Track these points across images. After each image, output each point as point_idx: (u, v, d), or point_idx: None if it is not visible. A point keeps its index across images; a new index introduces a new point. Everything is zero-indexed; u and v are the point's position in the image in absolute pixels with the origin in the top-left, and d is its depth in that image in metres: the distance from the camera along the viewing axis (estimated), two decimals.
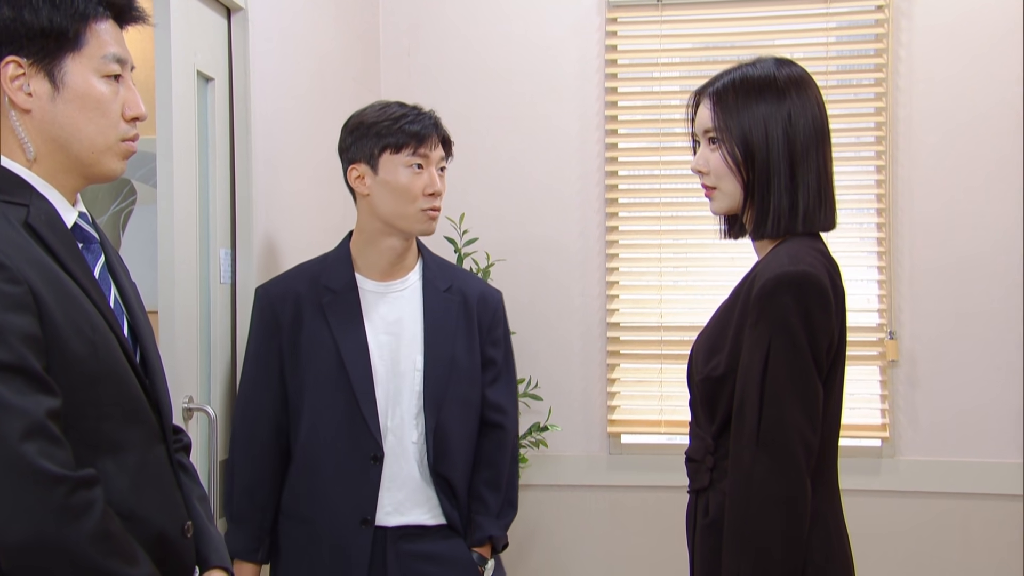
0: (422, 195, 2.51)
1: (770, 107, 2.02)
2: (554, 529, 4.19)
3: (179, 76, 2.57)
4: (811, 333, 1.90)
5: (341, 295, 2.56)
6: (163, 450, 1.73)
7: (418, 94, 4.20)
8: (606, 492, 4.17)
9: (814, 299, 1.91)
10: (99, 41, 1.62)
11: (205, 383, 2.77)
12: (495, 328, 2.70)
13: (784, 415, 1.89)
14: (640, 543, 4.13)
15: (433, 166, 2.54)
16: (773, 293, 1.91)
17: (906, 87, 4.00)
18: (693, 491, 2.16)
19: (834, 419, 2.03)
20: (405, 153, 2.50)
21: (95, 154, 1.64)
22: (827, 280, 1.94)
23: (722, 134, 2.05)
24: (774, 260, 1.97)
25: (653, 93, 4.18)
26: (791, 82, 2.04)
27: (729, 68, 2.12)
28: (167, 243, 2.56)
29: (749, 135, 2.02)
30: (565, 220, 4.19)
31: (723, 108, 2.06)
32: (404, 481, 2.56)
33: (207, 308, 2.78)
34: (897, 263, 4.01)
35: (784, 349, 1.90)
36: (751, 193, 2.04)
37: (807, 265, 1.92)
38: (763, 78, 2.05)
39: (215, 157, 2.78)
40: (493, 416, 2.68)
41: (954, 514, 3.94)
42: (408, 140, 2.50)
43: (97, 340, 1.58)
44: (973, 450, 3.94)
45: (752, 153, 2.02)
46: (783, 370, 1.90)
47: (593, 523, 4.18)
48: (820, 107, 2.05)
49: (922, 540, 3.96)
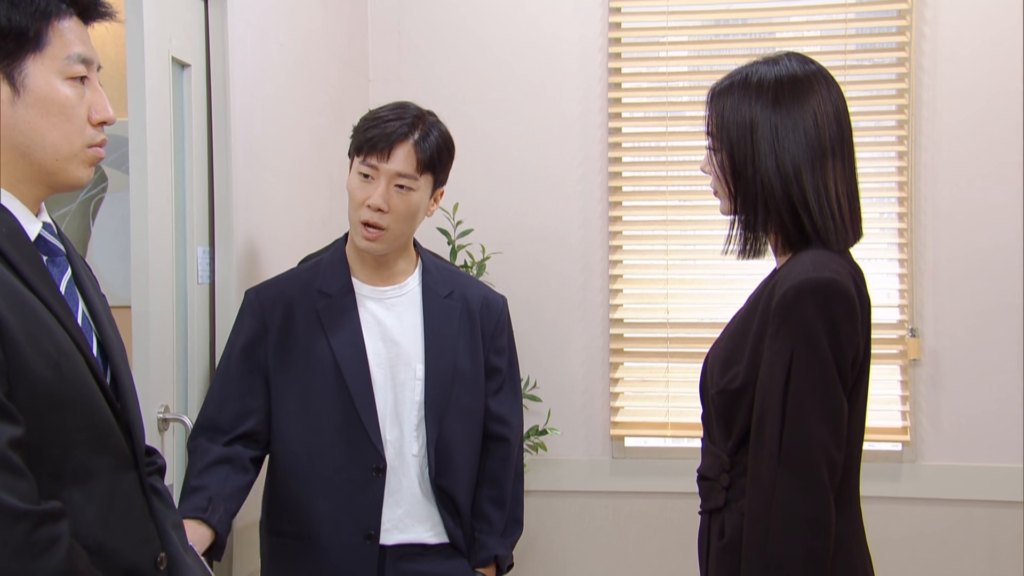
0: (363, 206, 2.48)
1: (765, 115, 2.00)
2: (554, 538, 4.17)
3: (153, 63, 2.54)
4: (836, 344, 1.89)
5: (336, 299, 2.54)
6: (135, 477, 1.70)
7: (408, 73, 4.19)
8: (609, 499, 4.16)
9: (839, 308, 1.89)
10: (62, 41, 1.59)
11: (181, 391, 2.75)
12: (499, 335, 2.69)
13: (808, 431, 1.88)
14: (646, 553, 4.12)
15: (383, 179, 2.48)
16: (796, 301, 1.90)
17: (930, 66, 3.97)
18: (706, 511, 2.14)
19: (857, 436, 2.02)
20: (358, 159, 2.49)
21: (59, 162, 1.61)
22: (853, 288, 1.93)
23: (714, 141, 2.07)
24: (796, 266, 1.95)
25: (659, 74, 4.14)
26: (794, 87, 2.02)
27: (743, 66, 2.10)
28: (140, 241, 2.54)
29: (737, 145, 2.02)
30: (565, 209, 4.17)
31: (717, 112, 2.07)
32: (404, 496, 2.54)
33: (184, 310, 2.76)
34: (920, 255, 3.98)
35: (807, 361, 1.88)
36: (736, 205, 2.05)
37: (832, 272, 1.91)
38: (763, 82, 2.03)
39: (192, 149, 2.76)
40: (497, 428, 2.67)
41: (979, 523, 3.93)
42: (360, 145, 2.48)
43: (63, 362, 1.56)
44: (1000, 455, 3.91)
45: (736, 166, 2.03)
46: (806, 383, 1.88)
47: (595, 532, 4.16)
48: (830, 116, 2.02)
49: (945, 551, 3.95)
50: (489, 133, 4.17)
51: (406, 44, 4.23)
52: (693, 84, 4.19)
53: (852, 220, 2.04)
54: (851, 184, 2.05)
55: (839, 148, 2.03)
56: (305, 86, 3.46)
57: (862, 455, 2.06)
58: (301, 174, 3.38)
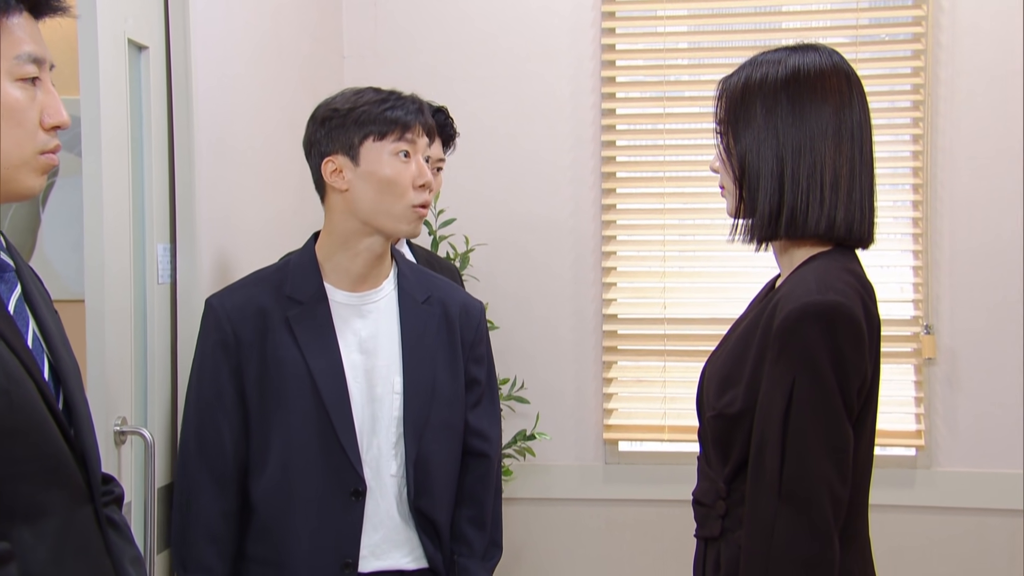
0: (412, 187, 2.47)
1: (779, 112, 2.00)
2: (542, 549, 4.17)
3: (107, 46, 2.49)
4: (841, 373, 1.87)
5: (309, 307, 2.51)
6: (90, 510, 1.69)
7: (386, 49, 4.15)
8: (601, 507, 4.16)
9: (845, 334, 1.88)
10: (11, 39, 1.56)
11: (141, 401, 2.70)
12: (478, 344, 2.67)
13: (810, 467, 1.87)
14: (640, 566, 4.13)
15: (419, 155, 2.50)
16: (798, 326, 1.88)
17: (948, 42, 3.95)
18: (701, 538, 2.13)
19: (864, 466, 2.01)
20: (390, 139, 2.46)
21: (10, 170, 1.59)
22: (860, 311, 1.91)
23: (723, 126, 2.08)
24: (800, 285, 1.93)
25: (657, 51, 4.12)
26: (811, 85, 2.01)
27: (756, 56, 2.08)
28: (95, 239, 2.49)
29: (749, 145, 2.02)
30: (555, 196, 4.16)
31: (729, 102, 2.07)
32: (381, 520, 2.51)
33: (143, 313, 2.71)
34: (936, 246, 3.98)
35: (809, 390, 1.87)
36: (742, 190, 2.05)
37: (837, 293, 1.89)
38: (778, 77, 2.02)
39: (151, 138, 2.71)
40: (476, 444, 2.65)
41: (999, 534, 3.94)
42: (392, 126, 2.46)
43: (11, 388, 1.54)
44: (1021, 460, 3.92)
45: (745, 166, 2.03)
46: (808, 414, 1.87)
47: (587, 542, 4.17)
48: (850, 118, 2.01)
49: (962, 564, 3.96)
50: (473, 114, 4.13)
51: (383, 17, 4.20)
52: (693, 61, 4.17)
53: (868, 220, 2.03)
54: (867, 182, 2.03)
55: (857, 150, 2.01)
56: (274, 65, 3.41)
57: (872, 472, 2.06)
58: (271, 161, 3.34)
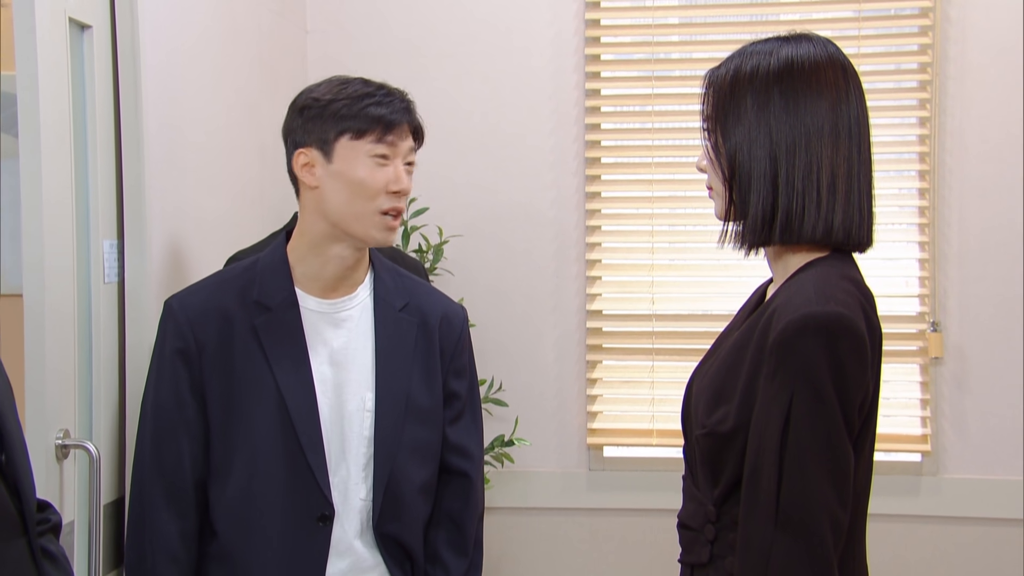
0: (384, 192, 2.43)
1: (771, 108, 1.99)
2: (522, 561, 4.18)
3: (45, 25, 2.46)
4: (842, 388, 1.87)
5: (277, 314, 2.48)
6: (23, 544, 1.67)
7: (352, 23, 4.13)
8: (585, 516, 4.17)
9: (847, 347, 1.87)
10: None
11: (85, 412, 2.68)
12: (459, 355, 2.65)
13: (809, 489, 1.86)
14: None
15: (400, 159, 2.46)
16: (797, 338, 1.87)
17: (958, 16, 3.95)
18: (686, 564, 2.12)
19: (863, 486, 2.01)
20: (368, 140, 2.43)
21: None
22: (862, 321, 1.91)
23: (710, 123, 2.06)
24: (797, 294, 1.93)
25: (645, 27, 4.11)
26: (805, 78, 2.00)
27: (746, 46, 2.06)
28: (34, 232, 2.47)
29: (738, 143, 2.01)
30: (535, 184, 4.15)
31: (716, 96, 2.06)
32: (348, 547, 2.49)
33: (87, 315, 2.69)
34: (943, 237, 3.98)
35: (809, 407, 1.86)
36: (732, 192, 2.04)
37: (839, 303, 1.89)
38: (770, 70, 2.01)
39: (96, 125, 2.69)
40: (456, 461, 2.64)
41: (1009, 544, 3.95)
42: (373, 125, 2.42)
43: None
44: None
45: (734, 166, 2.02)
46: (808, 434, 1.86)
47: (569, 554, 4.17)
48: (846, 114, 2.00)
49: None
50: (447, 93, 4.13)
51: None
52: (684, 38, 4.16)
53: (867, 223, 2.02)
54: (866, 182, 2.02)
55: (856, 148, 2.01)
56: (230, 43, 3.39)
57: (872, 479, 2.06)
58: (227, 147, 3.32)
